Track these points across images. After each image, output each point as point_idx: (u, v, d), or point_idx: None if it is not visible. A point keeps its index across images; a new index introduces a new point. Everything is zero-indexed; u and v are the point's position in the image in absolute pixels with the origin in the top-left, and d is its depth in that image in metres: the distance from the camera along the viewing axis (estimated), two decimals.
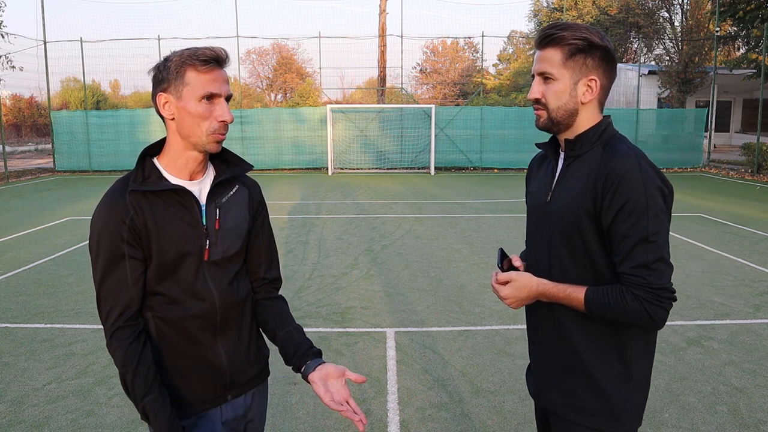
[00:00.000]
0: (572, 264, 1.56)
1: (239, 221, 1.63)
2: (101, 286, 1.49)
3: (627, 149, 1.50)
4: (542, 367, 1.70)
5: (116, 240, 1.47)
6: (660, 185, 1.45)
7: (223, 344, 1.61)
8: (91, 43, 19.10)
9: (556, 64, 1.52)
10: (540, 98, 1.57)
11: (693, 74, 22.88)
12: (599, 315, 1.49)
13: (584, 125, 1.57)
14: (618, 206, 1.43)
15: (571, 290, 1.52)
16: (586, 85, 1.54)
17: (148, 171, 1.53)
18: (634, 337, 1.54)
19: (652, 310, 1.42)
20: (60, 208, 11.22)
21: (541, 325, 1.67)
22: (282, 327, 1.70)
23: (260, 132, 18.34)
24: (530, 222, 1.74)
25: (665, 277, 1.43)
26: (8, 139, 29.63)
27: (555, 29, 1.52)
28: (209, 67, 1.46)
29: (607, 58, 1.54)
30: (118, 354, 1.47)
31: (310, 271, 6.54)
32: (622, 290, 1.45)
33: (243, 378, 1.68)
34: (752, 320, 4.95)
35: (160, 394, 1.48)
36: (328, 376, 1.58)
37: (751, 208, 10.87)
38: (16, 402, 3.61)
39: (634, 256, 1.43)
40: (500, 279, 1.62)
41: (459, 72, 45.32)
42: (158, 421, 1.46)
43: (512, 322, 4.90)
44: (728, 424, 3.31)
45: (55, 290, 5.88)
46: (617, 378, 1.55)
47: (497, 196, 12.64)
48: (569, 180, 1.57)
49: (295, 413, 3.44)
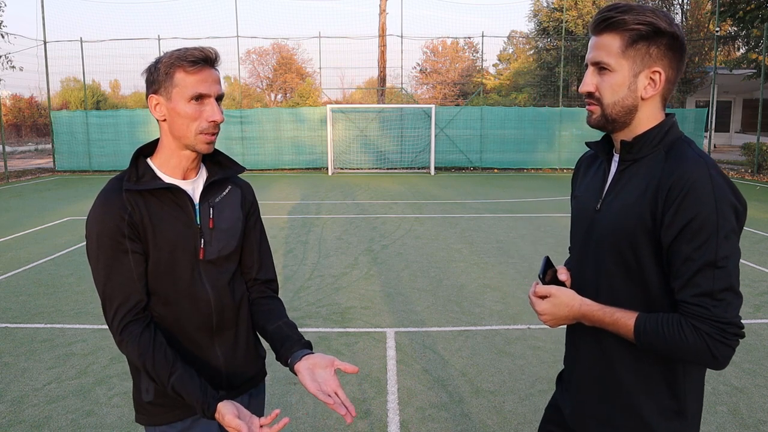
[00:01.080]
0: (622, 284, 1.37)
1: (234, 221, 1.63)
2: (106, 284, 1.47)
3: (695, 156, 1.29)
4: (580, 393, 1.53)
5: (117, 236, 1.46)
6: (733, 201, 1.26)
7: (220, 345, 1.61)
8: (91, 43, 19.12)
9: (614, 53, 1.32)
10: (593, 92, 1.36)
11: (693, 74, 22.91)
12: (650, 347, 1.30)
13: (644, 124, 1.36)
14: (682, 223, 1.24)
15: (619, 315, 1.32)
16: (648, 78, 1.33)
17: (141, 170, 1.53)
18: (689, 369, 1.37)
19: (714, 346, 1.22)
20: (60, 208, 11.22)
21: (582, 345, 1.49)
22: (272, 322, 1.66)
23: (260, 132, 18.34)
24: (575, 231, 1.55)
25: (733, 310, 1.23)
26: (8, 139, 29.63)
27: (615, 12, 1.31)
28: (197, 68, 1.46)
29: (675, 46, 1.32)
30: (132, 347, 1.45)
31: (310, 271, 6.54)
32: (680, 321, 1.25)
33: (240, 379, 1.67)
34: (752, 320, 4.95)
35: (184, 370, 1.46)
36: (315, 365, 1.50)
37: (751, 208, 10.87)
38: (16, 402, 3.61)
39: (697, 283, 1.23)
40: (539, 292, 1.43)
41: (459, 72, 45.32)
42: (191, 394, 1.44)
43: (512, 322, 4.90)
44: (728, 424, 3.31)
45: (55, 290, 5.87)
46: (666, 415, 1.37)
47: (497, 196, 12.64)
48: (624, 187, 1.37)
49: (295, 413, 3.44)
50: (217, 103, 1.50)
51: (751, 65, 19.49)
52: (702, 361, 1.26)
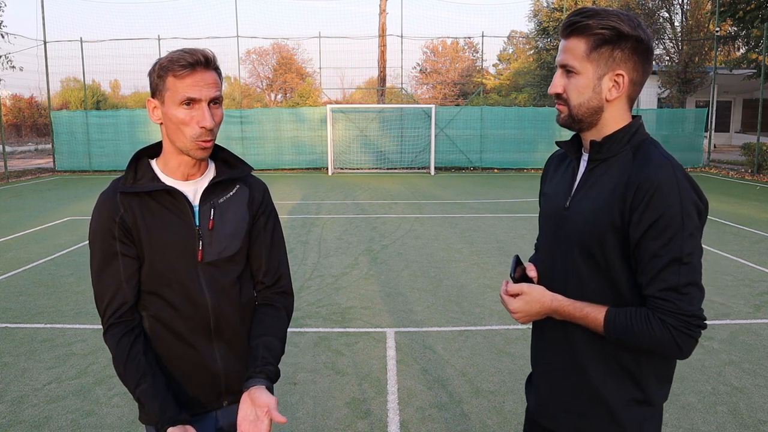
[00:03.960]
0: (590, 280, 1.42)
1: (237, 222, 1.59)
2: (97, 283, 1.53)
3: (662, 158, 1.35)
4: (548, 386, 1.56)
5: (108, 238, 1.50)
6: (696, 200, 1.32)
7: (220, 349, 1.58)
8: (91, 43, 19.13)
9: (578, 57, 1.38)
10: (561, 93, 1.42)
11: (693, 74, 22.89)
12: (619, 339, 1.36)
13: (611, 125, 1.42)
14: (650, 221, 1.30)
15: (589, 310, 1.38)
16: (612, 81, 1.38)
17: (141, 172, 1.54)
18: (652, 360, 1.42)
19: (680, 338, 1.29)
20: (60, 208, 11.22)
21: (551, 341, 1.54)
22: (255, 337, 1.59)
23: (260, 132, 18.33)
24: (544, 228, 1.59)
25: (697, 303, 1.30)
26: (8, 139, 29.62)
27: (580, 16, 1.37)
28: (187, 72, 1.42)
29: (639, 49, 1.36)
30: (111, 349, 1.51)
31: (310, 271, 6.54)
32: (648, 315, 1.31)
33: (239, 385, 1.57)
34: (752, 320, 4.95)
35: (151, 384, 1.46)
36: (253, 401, 1.42)
37: (751, 208, 10.87)
38: (16, 402, 3.61)
39: (663, 278, 1.30)
40: (510, 291, 1.48)
41: (459, 72, 45.31)
42: (150, 410, 1.46)
43: (512, 322, 4.90)
44: (728, 424, 3.31)
45: (55, 290, 5.87)
46: (630, 404, 1.43)
47: (497, 196, 12.64)
48: (593, 186, 1.42)
49: (295, 413, 3.44)
50: (208, 108, 1.46)
51: (751, 65, 19.49)
52: (668, 352, 1.33)
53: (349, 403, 3.57)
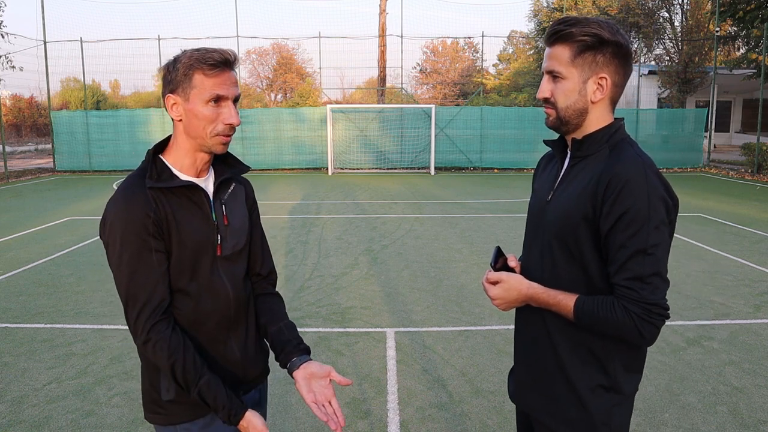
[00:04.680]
0: (565, 269, 1.51)
1: (242, 217, 1.67)
2: (130, 283, 1.45)
3: (634, 155, 1.44)
4: (525, 371, 1.67)
5: (143, 234, 1.44)
6: (664, 196, 1.39)
7: (235, 340, 1.64)
8: (91, 43, 19.13)
9: (564, 62, 1.47)
10: (549, 97, 1.51)
11: (693, 74, 22.89)
12: (587, 325, 1.45)
13: (594, 125, 1.51)
14: (618, 214, 1.38)
15: (561, 297, 1.47)
16: (596, 84, 1.47)
17: (160, 168, 1.54)
18: (621, 349, 1.49)
19: (641, 325, 1.37)
20: (60, 208, 11.22)
21: (529, 328, 1.63)
22: (273, 323, 1.70)
23: (260, 132, 18.34)
24: (529, 221, 1.70)
25: (659, 293, 1.38)
26: (8, 139, 29.63)
27: (563, 25, 1.46)
28: (217, 71, 1.46)
29: (619, 53, 1.46)
30: (161, 347, 1.44)
31: (310, 271, 6.54)
32: (613, 302, 1.40)
33: (253, 373, 1.70)
34: (752, 320, 4.95)
35: (211, 375, 1.49)
36: (312, 375, 1.57)
37: (751, 208, 10.87)
38: (16, 402, 3.61)
39: (629, 268, 1.38)
40: (490, 278, 1.58)
41: (459, 72, 45.31)
42: (218, 400, 1.47)
43: (512, 322, 4.86)
44: (728, 424, 3.31)
45: (55, 290, 5.87)
46: (598, 391, 1.50)
47: (497, 196, 12.64)
48: (572, 181, 1.52)
49: (295, 413, 3.45)
50: (234, 106, 1.51)
51: (751, 65, 19.49)
52: (630, 339, 1.41)
53: (349, 403, 3.57)
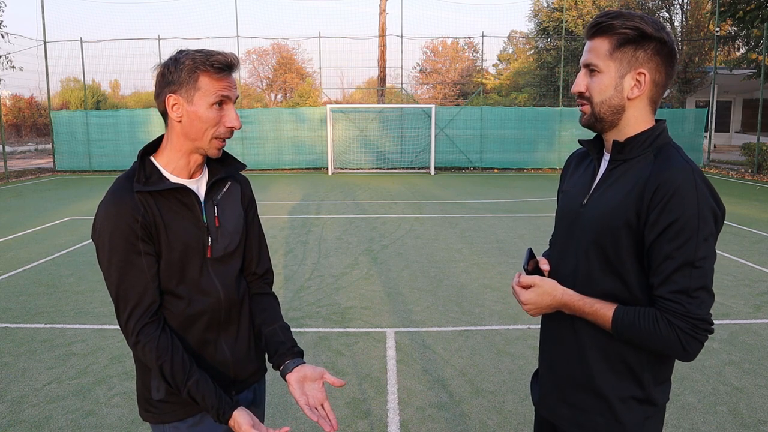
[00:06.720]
0: (601, 277, 1.43)
1: (236, 217, 1.65)
2: (120, 286, 1.46)
3: (683, 161, 1.36)
4: (552, 379, 1.60)
5: (131, 238, 1.45)
6: (713, 206, 1.33)
7: (226, 340, 1.63)
8: (91, 43, 19.12)
9: (602, 55, 1.41)
10: (584, 92, 1.45)
11: (693, 74, 22.91)
12: (626, 337, 1.38)
13: (633, 126, 1.43)
14: (666, 223, 1.31)
15: (599, 306, 1.40)
16: (634, 79, 1.40)
17: (149, 170, 1.53)
18: (652, 360, 1.44)
19: (686, 341, 1.31)
20: (60, 208, 11.22)
21: (559, 335, 1.56)
22: (267, 324, 1.69)
23: (260, 132, 18.33)
24: (560, 223, 1.60)
25: (705, 308, 1.32)
26: (8, 139, 29.63)
27: (605, 17, 1.40)
28: (224, 74, 1.47)
29: (662, 51, 1.39)
30: (150, 348, 1.46)
31: (310, 271, 6.54)
32: (656, 315, 1.33)
33: (245, 373, 1.70)
34: (752, 320, 4.95)
35: (201, 375, 1.49)
36: (305, 378, 1.57)
37: (751, 208, 10.87)
38: (16, 402, 3.61)
39: (675, 281, 1.31)
40: (523, 282, 1.50)
41: (459, 72, 45.30)
42: (206, 399, 1.47)
43: (512, 322, 4.90)
44: (728, 424, 3.31)
45: (55, 290, 5.87)
46: (631, 403, 1.45)
47: (497, 196, 12.64)
48: (612, 186, 1.44)
49: (295, 413, 3.44)
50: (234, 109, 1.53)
51: (751, 65, 19.48)
52: (673, 353, 1.35)
53: (349, 403, 3.57)
